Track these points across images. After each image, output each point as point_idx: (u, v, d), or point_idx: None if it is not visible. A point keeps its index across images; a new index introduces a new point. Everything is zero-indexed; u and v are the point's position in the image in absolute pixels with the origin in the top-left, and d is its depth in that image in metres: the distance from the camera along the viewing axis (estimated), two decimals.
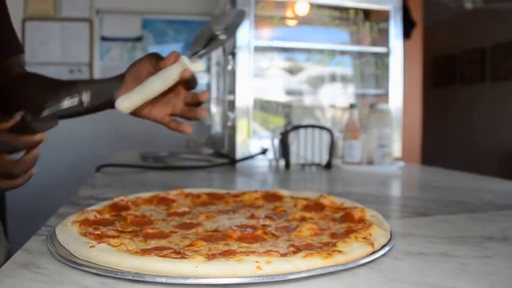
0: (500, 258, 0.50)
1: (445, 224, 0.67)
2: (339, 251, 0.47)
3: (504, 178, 1.17)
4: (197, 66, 0.69)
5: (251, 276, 0.41)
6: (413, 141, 2.92)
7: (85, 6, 2.85)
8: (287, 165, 1.42)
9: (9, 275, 0.43)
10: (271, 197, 0.77)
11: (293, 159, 1.44)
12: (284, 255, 0.45)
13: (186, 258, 0.43)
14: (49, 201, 1.14)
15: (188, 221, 0.62)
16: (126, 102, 0.68)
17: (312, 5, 1.69)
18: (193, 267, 0.41)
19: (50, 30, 2.83)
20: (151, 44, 2.96)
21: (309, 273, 0.43)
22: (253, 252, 0.45)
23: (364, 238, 0.51)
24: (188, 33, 2.98)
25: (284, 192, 0.79)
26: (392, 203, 0.93)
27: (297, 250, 0.47)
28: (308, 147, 1.47)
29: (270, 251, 0.46)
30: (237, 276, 0.41)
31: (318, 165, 1.45)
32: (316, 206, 0.71)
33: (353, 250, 0.48)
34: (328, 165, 1.43)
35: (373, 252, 0.49)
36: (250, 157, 1.47)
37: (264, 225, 0.59)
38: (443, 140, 4.80)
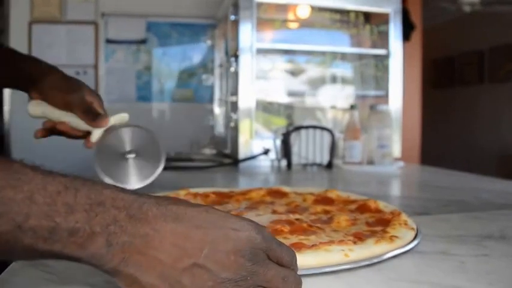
0: (499, 257, 0.51)
1: (444, 223, 0.68)
2: (396, 237, 0.51)
3: (503, 179, 1.18)
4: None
5: (342, 264, 0.45)
6: (413, 141, 2.93)
7: (90, 9, 2.87)
8: (289, 165, 1.44)
9: (17, 273, 0.43)
10: (276, 194, 0.79)
11: (295, 159, 1.46)
12: (354, 243, 0.49)
13: None
14: None
15: None
16: (35, 110, 0.71)
17: (313, 8, 1.71)
18: None
19: (56, 33, 2.85)
20: (155, 47, 2.98)
21: (380, 258, 0.48)
22: (332, 242, 0.48)
23: (406, 225, 0.56)
24: (192, 36, 3.00)
25: (287, 189, 0.81)
26: (392, 202, 0.94)
27: (355, 239, 0.51)
28: (309, 148, 1.49)
29: (342, 240, 0.49)
30: (332, 265, 0.45)
31: (319, 165, 1.47)
32: (325, 200, 0.73)
33: (405, 235, 0.52)
34: (329, 165, 1.45)
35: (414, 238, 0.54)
36: (253, 157, 1.48)
37: (298, 219, 0.60)
38: (442, 140, 4.82)
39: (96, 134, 0.69)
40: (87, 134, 0.72)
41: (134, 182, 0.70)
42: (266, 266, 0.34)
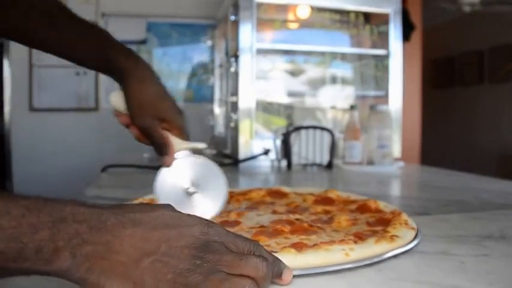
0: (498, 257, 0.51)
1: (444, 223, 0.68)
2: (397, 236, 0.51)
3: (503, 179, 1.18)
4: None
5: (344, 263, 0.46)
6: (413, 141, 2.93)
7: (91, 10, 2.88)
8: (289, 165, 1.44)
9: None
10: (276, 194, 0.79)
11: (295, 159, 1.46)
12: (355, 242, 0.49)
13: (275, 252, 0.44)
14: None
15: (222, 220, 0.62)
16: (117, 103, 0.66)
17: (313, 8, 1.71)
18: (293, 259, 0.44)
19: None
20: (155, 47, 2.99)
21: (380, 258, 0.48)
22: (332, 241, 0.48)
23: (406, 224, 0.56)
24: (192, 36, 3.01)
25: (287, 189, 0.81)
26: (392, 202, 0.94)
27: (356, 238, 0.51)
28: (309, 148, 1.49)
29: (343, 240, 0.49)
30: (333, 264, 0.45)
31: (319, 165, 1.47)
32: (326, 200, 0.73)
33: (405, 234, 0.52)
34: (329, 166, 1.45)
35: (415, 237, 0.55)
36: (253, 157, 1.48)
37: (298, 219, 0.60)
38: (442, 140, 4.82)
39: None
40: None
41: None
42: (222, 253, 0.37)
